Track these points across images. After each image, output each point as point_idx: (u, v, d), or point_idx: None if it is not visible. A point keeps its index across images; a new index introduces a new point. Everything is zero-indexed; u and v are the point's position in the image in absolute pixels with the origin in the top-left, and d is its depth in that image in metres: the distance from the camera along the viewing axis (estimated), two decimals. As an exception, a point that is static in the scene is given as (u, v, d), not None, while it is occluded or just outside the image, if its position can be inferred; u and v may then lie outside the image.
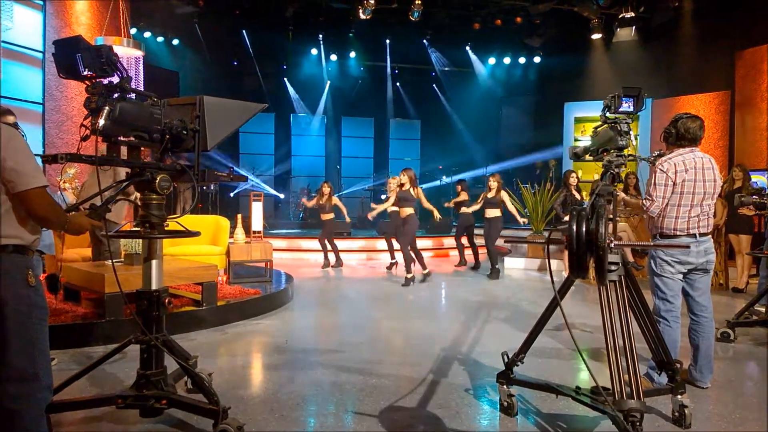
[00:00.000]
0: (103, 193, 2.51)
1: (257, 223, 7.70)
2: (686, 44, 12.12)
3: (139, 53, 8.29)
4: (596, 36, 13.18)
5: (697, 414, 3.14)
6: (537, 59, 15.57)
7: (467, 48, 16.19)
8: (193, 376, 2.95)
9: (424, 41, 15.95)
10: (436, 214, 8.42)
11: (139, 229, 2.79)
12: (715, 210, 4.11)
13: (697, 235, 3.44)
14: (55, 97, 7.96)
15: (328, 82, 16.91)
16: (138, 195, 2.82)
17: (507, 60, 16.13)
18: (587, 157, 3.48)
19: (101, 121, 2.33)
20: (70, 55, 2.34)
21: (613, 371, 2.57)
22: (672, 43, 12.49)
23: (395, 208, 8.12)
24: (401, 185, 7.78)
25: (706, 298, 3.58)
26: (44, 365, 2.22)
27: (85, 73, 2.35)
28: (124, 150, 2.76)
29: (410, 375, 3.86)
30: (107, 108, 2.35)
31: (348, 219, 9.69)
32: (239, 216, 7.42)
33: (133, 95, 2.56)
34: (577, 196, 8.29)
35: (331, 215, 9.20)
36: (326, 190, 9.27)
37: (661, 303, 3.52)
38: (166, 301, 2.89)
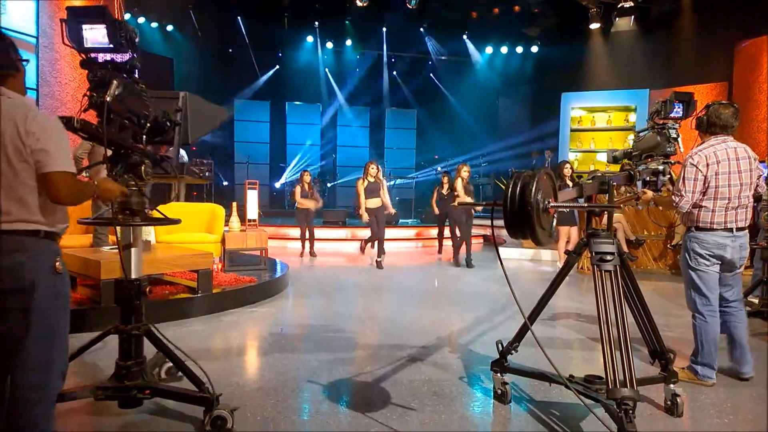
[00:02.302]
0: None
1: (252, 211, 7.68)
2: (685, 35, 12.09)
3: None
4: (595, 26, 13.12)
5: (691, 403, 3.17)
6: (535, 49, 15.51)
7: (464, 37, 16.11)
8: (180, 366, 2.91)
9: (421, 30, 15.85)
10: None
11: (120, 216, 2.72)
12: None
13: (734, 230, 3.30)
14: (49, 83, 7.89)
15: (326, 69, 16.81)
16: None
17: (504, 49, 16.07)
18: (624, 161, 3.38)
19: (112, 91, 2.29)
20: (85, 25, 2.30)
21: (607, 360, 2.58)
22: (671, 33, 12.46)
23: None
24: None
25: (735, 292, 3.48)
26: (60, 352, 2.20)
27: (92, 45, 2.31)
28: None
29: (405, 363, 3.87)
30: (116, 81, 2.31)
31: (320, 203, 9.76)
32: (234, 204, 7.39)
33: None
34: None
35: (312, 203, 9.33)
36: (307, 178, 9.38)
37: (697, 297, 3.39)
38: (147, 290, 2.85)
